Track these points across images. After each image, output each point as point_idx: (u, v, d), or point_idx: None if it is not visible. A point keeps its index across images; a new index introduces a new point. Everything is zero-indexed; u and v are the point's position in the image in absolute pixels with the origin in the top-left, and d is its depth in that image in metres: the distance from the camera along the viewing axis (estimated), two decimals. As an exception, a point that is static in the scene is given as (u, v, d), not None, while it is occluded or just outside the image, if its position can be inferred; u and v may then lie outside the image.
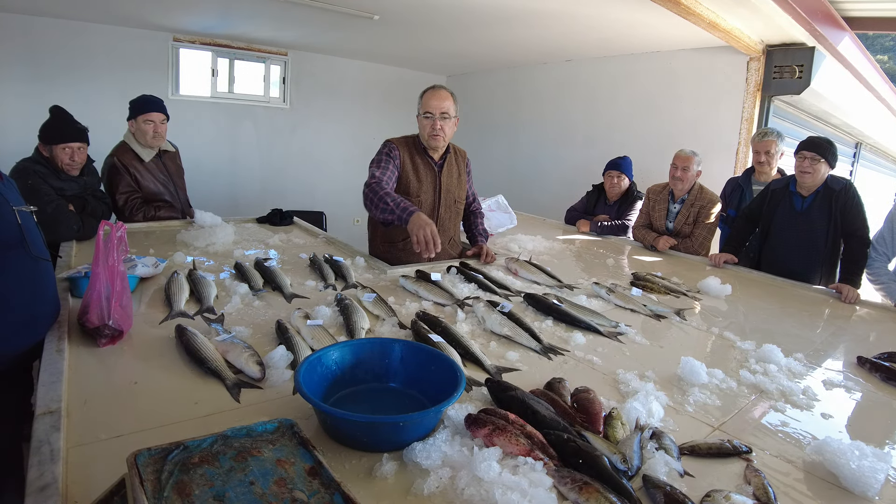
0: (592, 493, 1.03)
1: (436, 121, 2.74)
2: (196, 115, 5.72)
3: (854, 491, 1.15)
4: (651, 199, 3.75)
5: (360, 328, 1.77)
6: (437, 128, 2.75)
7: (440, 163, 2.91)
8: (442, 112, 2.74)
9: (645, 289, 2.56)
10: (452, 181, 2.94)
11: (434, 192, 2.88)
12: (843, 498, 1.16)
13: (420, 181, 2.84)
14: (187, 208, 3.49)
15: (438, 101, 2.75)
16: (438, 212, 2.90)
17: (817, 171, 2.98)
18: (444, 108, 2.75)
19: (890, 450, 1.38)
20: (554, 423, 1.25)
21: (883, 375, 1.82)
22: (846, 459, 1.18)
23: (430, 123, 2.75)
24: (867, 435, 1.47)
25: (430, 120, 2.74)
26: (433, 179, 2.88)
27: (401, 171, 2.81)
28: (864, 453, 1.20)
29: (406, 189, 2.81)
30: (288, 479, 0.90)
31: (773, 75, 4.39)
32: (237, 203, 6.02)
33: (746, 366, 1.80)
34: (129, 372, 1.46)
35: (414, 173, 2.83)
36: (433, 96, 2.76)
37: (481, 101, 7.06)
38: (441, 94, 2.77)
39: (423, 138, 2.82)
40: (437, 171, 2.89)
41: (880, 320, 2.53)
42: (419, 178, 2.84)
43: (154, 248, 2.61)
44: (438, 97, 2.76)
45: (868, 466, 1.16)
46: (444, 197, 2.90)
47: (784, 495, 1.15)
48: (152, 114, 3.25)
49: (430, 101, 2.75)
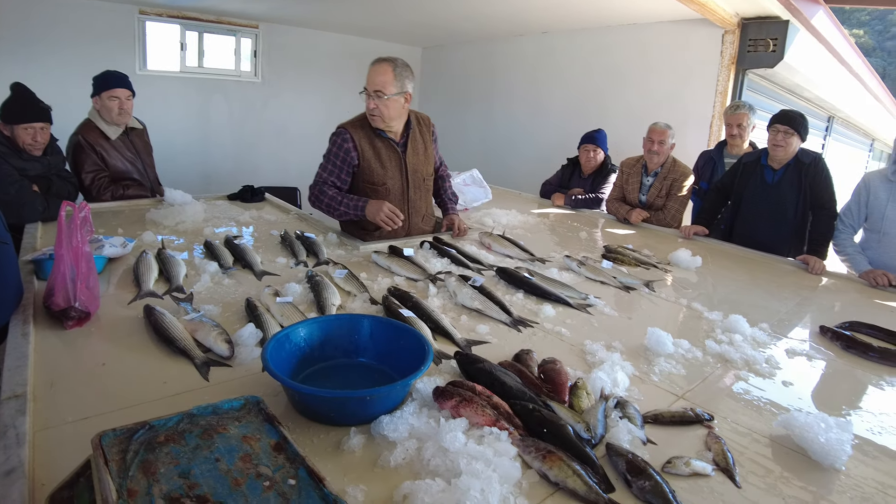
0: (556, 462, 1.06)
1: (370, 99, 2.50)
2: (165, 90, 5.58)
3: (823, 464, 1.19)
4: (625, 172, 3.78)
5: (331, 305, 1.77)
6: (372, 107, 2.50)
7: (402, 142, 2.70)
8: (375, 89, 2.46)
9: (616, 261, 2.59)
10: (419, 159, 2.77)
11: (401, 174, 2.71)
12: (805, 462, 1.22)
13: (384, 167, 2.66)
14: (157, 186, 3.42)
15: (372, 76, 2.47)
16: (408, 194, 2.77)
17: (789, 145, 3.03)
18: (377, 85, 2.45)
19: (850, 417, 1.43)
20: (520, 393, 1.28)
21: (843, 344, 1.88)
22: (814, 434, 1.21)
23: (367, 102, 2.52)
24: (827, 402, 1.54)
25: (367, 98, 2.51)
26: (398, 162, 2.69)
27: (361, 160, 2.62)
28: (830, 425, 1.24)
29: (370, 178, 2.66)
30: (253, 455, 0.91)
31: (747, 48, 4.41)
32: (209, 180, 5.92)
33: (713, 336, 1.85)
34: (97, 353, 1.45)
35: (377, 159, 2.64)
36: (370, 70, 2.49)
37: (457, 73, 6.99)
38: (378, 69, 2.47)
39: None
40: (400, 152, 2.70)
41: (844, 291, 2.60)
42: (382, 163, 2.65)
43: (123, 228, 2.57)
44: (374, 71, 2.47)
45: (835, 439, 1.20)
46: (411, 178, 2.75)
47: (749, 461, 1.20)
48: (117, 90, 3.16)
49: (368, 76, 2.49)
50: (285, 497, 0.83)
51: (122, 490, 0.81)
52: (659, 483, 1.03)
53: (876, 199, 2.87)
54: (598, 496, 1.01)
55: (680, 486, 1.08)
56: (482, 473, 0.98)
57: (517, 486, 1.02)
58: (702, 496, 1.07)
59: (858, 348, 1.84)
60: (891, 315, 2.30)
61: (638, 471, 1.06)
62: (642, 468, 1.07)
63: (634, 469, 1.07)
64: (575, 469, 1.05)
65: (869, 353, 1.81)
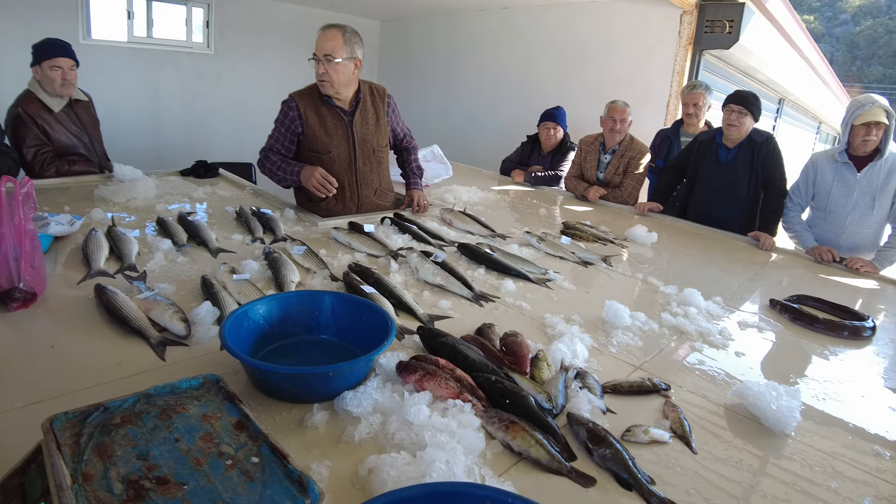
0: (519, 432, 1.08)
1: (320, 64, 2.49)
2: (111, 61, 5.31)
3: (774, 430, 1.25)
4: (583, 149, 3.82)
5: (290, 281, 1.74)
6: (321, 72, 2.49)
7: (350, 111, 2.66)
8: (325, 54, 2.46)
9: (574, 237, 2.63)
10: (368, 129, 2.71)
11: (348, 144, 2.67)
12: (757, 429, 1.28)
13: (329, 135, 2.63)
14: (105, 162, 3.28)
15: (322, 42, 2.47)
16: (356, 165, 2.71)
17: (742, 124, 3.10)
18: (327, 50, 2.45)
19: (797, 385, 1.51)
20: (483, 366, 1.29)
21: (791, 316, 1.97)
22: (766, 402, 1.28)
23: (317, 67, 2.50)
24: (776, 371, 1.61)
25: (317, 63, 2.50)
26: (345, 130, 2.65)
27: (305, 128, 2.60)
28: (780, 393, 1.30)
29: (314, 146, 2.63)
30: (214, 434, 0.90)
31: (704, 29, 4.48)
32: (160, 155, 5.69)
33: (668, 309, 1.90)
34: (46, 336, 1.40)
35: (321, 127, 2.62)
36: (319, 36, 2.49)
37: (417, 47, 6.88)
38: (327, 34, 2.47)
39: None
40: (347, 120, 2.65)
41: (793, 266, 2.71)
42: (327, 131, 2.62)
43: (69, 206, 2.45)
44: (323, 37, 2.47)
45: (785, 406, 1.27)
46: (359, 148, 2.70)
47: (701, 429, 1.24)
48: (59, 59, 2.99)
49: (317, 42, 2.48)
50: (249, 475, 0.82)
51: (76, 475, 0.79)
52: (619, 451, 1.07)
53: (822, 178, 2.99)
54: (560, 464, 1.04)
55: (639, 453, 1.12)
56: (447, 445, 0.99)
57: (481, 457, 1.04)
58: (660, 462, 1.11)
59: (805, 320, 1.94)
60: (835, 289, 2.41)
61: (598, 439, 1.10)
62: (603, 436, 1.10)
63: (595, 437, 1.10)
64: (537, 438, 1.07)
65: (815, 325, 1.91)
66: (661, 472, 1.08)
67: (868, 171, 2.84)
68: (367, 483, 0.94)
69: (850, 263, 2.68)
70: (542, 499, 0.74)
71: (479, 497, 0.75)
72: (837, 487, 1.09)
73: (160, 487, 0.78)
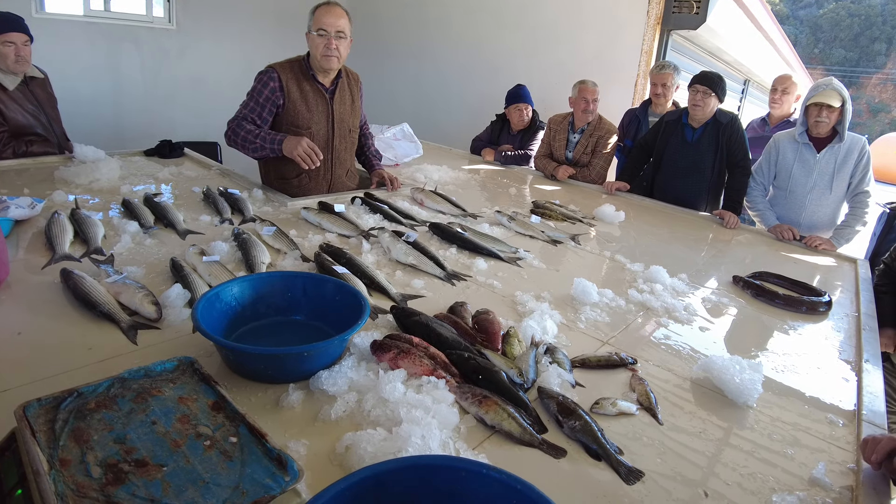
0: (492, 406, 1.12)
1: (331, 39, 2.49)
2: (67, 36, 5.09)
3: (737, 402, 1.31)
4: (552, 129, 3.84)
5: (261, 263, 1.73)
6: (333, 47, 2.50)
7: (332, 89, 2.69)
8: (338, 31, 2.49)
9: (544, 216, 2.67)
10: (346, 109, 2.76)
11: (327, 121, 2.70)
12: (720, 400, 1.34)
13: (310, 110, 2.64)
14: (64, 142, 3.17)
15: (334, 19, 2.48)
16: (333, 143, 2.75)
17: (707, 105, 3.16)
18: (340, 27, 2.50)
19: (759, 358, 1.57)
20: (456, 343, 1.32)
21: (753, 292, 2.06)
22: (730, 375, 1.34)
23: (325, 42, 2.49)
24: (739, 345, 1.68)
25: (325, 38, 2.49)
26: (325, 108, 2.67)
27: (286, 101, 2.59)
28: (743, 367, 1.36)
29: (294, 120, 2.62)
30: (191, 416, 0.90)
31: (672, 9, 4.52)
32: (122, 135, 5.51)
33: (635, 286, 1.96)
34: (11, 323, 1.36)
35: (303, 101, 2.61)
36: (328, 12, 2.49)
37: (387, 23, 6.76)
38: (337, 11, 2.51)
39: (315, 59, 2.57)
40: (328, 98, 2.68)
41: (755, 244, 2.80)
42: (308, 106, 2.63)
43: (29, 188, 2.38)
44: (334, 13, 2.50)
45: (748, 379, 1.33)
46: (337, 127, 2.73)
47: (667, 401, 1.30)
48: (11, 34, 2.86)
49: (325, 18, 2.48)
50: (227, 455, 0.83)
51: (53, 461, 0.79)
52: (588, 422, 1.11)
53: (784, 158, 3.08)
54: (531, 437, 1.08)
55: (607, 425, 1.17)
56: (422, 420, 1.01)
57: (455, 431, 1.07)
58: (628, 433, 1.16)
59: (766, 296, 2.02)
60: (794, 266, 2.51)
61: (568, 412, 1.14)
62: (572, 409, 1.14)
63: (565, 410, 1.15)
64: (510, 412, 1.10)
65: (775, 301, 2.00)
66: (628, 443, 1.13)
67: (826, 153, 2.95)
68: (345, 459, 0.96)
69: (809, 241, 2.79)
70: (515, 470, 0.77)
71: (454, 469, 0.77)
72: (794, 454, 1.16)
73: (139, 470, 0.79)
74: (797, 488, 1.05)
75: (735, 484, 1.05)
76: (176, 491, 0.76)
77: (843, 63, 32.80)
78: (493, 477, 0.76)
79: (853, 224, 2.95)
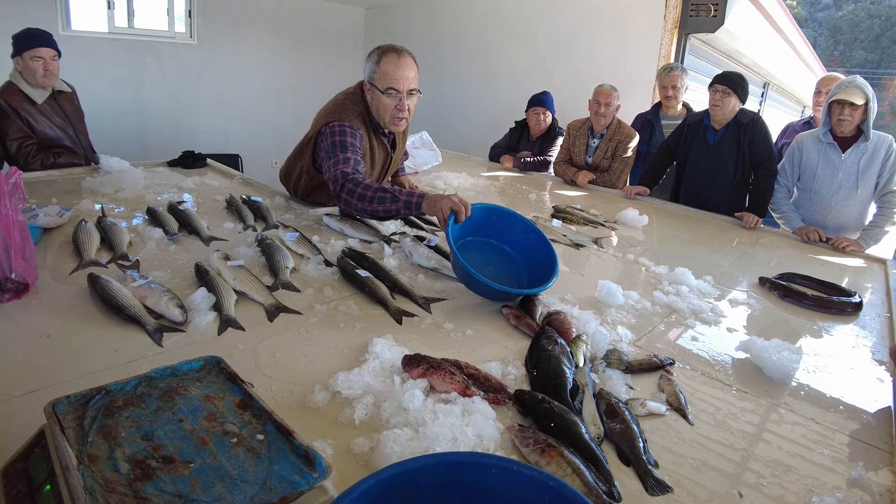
0: (555, 457, 0.98)
1: (403, 100, 2.18)
2: (93, 52, 5.22)
3: (775, 379, 1.35)
4: (571, 134, 3.83)
5: (285, 267, 1.74)
6: (404, 109, 2.20)
7: (392, 140, 2.45)
8: (410, 89, 2.18)
9: (565, 220, 2.65)
10: (399, 152, 2.56)
11: (382, 168, 2.49)
12: (749, 400, 1.30)
13: (374, 164, 2.42)
14: (91, 154, 3.24)
15: (405, 72, 2.13)
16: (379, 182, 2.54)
17: (727, 105, 3.11)
18: (413, 83, 2.19)
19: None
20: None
21: (781, 293, 2.02)
22: (768, 354, 1.38)
23: (395, 104, 2.17)
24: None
25: (394, 99, 2.16)
26: (384, 158, 2.46)
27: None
28: (780, 348, 1.41)
29: None
30: (218, 414, 0.90)
31: (689, 13, 4.49)
32: (146, 147, 5.63)
33: (660, 288, 1.93)
34: (40, 326, 1.38)
35: (370, 156, 2.37)
36: (399, 65, 2.12)
37: (402, 35, 6.82)
38: (408, 62, 2.16)
39: (382, 120, 2.25)
40: (389, 148, 2.45)
41: (780, 246, 2.75)
42: (374, 161, 2.40)
43: (57, 198, 2.42)
44: (405, 65, 2.14)
45: (786, 357, 1.37)
46: (388, 173, 2.59)
47: (699, 401, 1.28)
48: (40, 49, 2.94)
49: (396, 73, 2.12)
50: (254, 452, 0.82)
51: (82, 456, 0.79)
52: (630, 429, 1.09)
53: (808, 159, 3.02)
54: (597, 498, 0.92)
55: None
56: (455, 425, 0.99)
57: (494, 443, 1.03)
58: (659, 433, 1.13)
59: (794, 297, 1.98)
60: (822, 267, 2.46)
61: (614, 414, 1.13)
62: (619, 413, 1.13)
63: (611, 412, 1.14)
64: (576, 466, 0.96)
65: (803, 301, 1.96)
66: (657, 439, 1.11)
67: (852, 152, 2.88)
68: (371, 459, 0.95)
69: (836, 243, 2.72)
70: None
71: (484, 465, 0.76)
72: (830, 454, 1.12)
73: (167, 466, 0.79)
74: (836, 489, 1.02)
75: (773, 484, 1.02)
76: (203, 487, 0.76)
77: (864, 65, 32.25)
78: (525, 474, 0.74)
79: (882, 224, 2.87)
